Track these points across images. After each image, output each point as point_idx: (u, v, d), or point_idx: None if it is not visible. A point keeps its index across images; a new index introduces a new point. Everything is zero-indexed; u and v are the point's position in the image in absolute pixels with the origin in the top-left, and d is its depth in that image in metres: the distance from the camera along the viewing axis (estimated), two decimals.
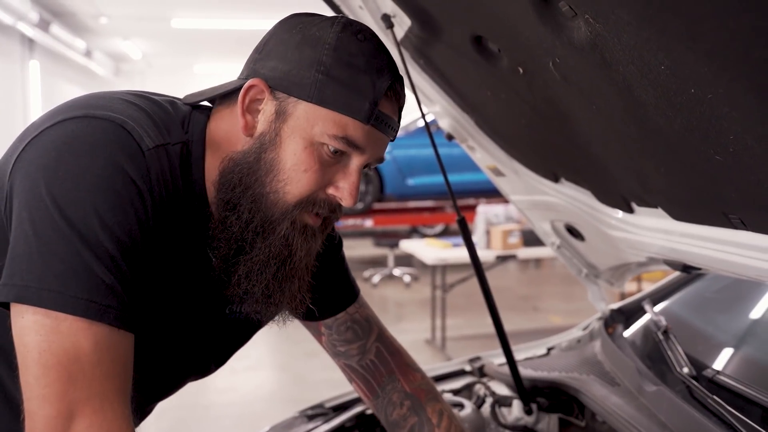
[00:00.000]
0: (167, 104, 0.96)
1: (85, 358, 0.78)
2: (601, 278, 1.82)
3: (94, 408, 0.78)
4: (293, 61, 0.89)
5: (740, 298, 1.62)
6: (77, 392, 0.77)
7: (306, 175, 0.89)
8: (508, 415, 1.56)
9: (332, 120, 0.88)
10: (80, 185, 0.79)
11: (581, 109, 1.07)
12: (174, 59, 14.22)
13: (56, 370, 0.77)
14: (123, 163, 0.82)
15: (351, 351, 1.24)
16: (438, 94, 1.56)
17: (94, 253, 0.79)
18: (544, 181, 1.57)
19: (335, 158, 0.91)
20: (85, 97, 0.91)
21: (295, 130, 0.89)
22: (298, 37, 0.90)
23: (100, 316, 0.78)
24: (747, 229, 0.99)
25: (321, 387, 4.22)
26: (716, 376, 1.26)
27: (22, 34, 9.39)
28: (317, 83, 0.87)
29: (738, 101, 0.74)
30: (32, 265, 0.78)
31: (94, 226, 0.79)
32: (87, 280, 0.78)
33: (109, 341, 0.79)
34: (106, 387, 0.79)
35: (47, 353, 0.77)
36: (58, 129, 0.83)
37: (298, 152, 0.89)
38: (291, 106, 0.89)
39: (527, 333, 1.93)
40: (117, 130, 0.84)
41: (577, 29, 0.84)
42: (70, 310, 0.77)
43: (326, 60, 0.88)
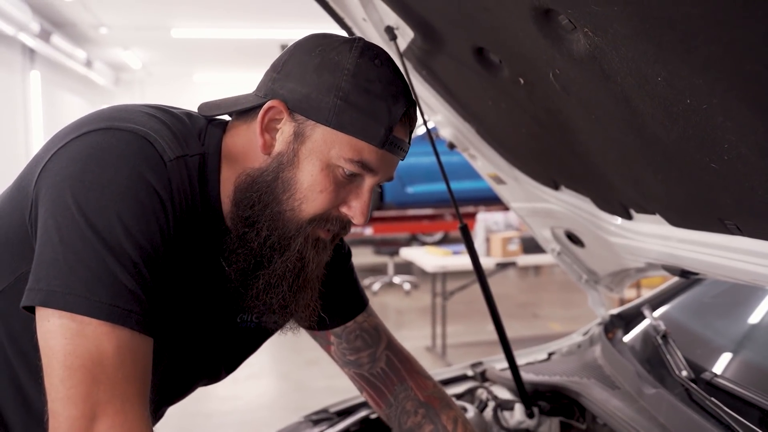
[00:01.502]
0: (184, 116, 0.99)
1: (108, 361, 0.80)
2: (601, 284, 1.85)
3: (116, 409, 0.80)
4: (312, 84, 0.92)
5: (738, 303, 1.65)
6: (100, 394, 0.80)
7: (321, 195, 0.93)
8: (511, 419, 1.58)
9: (348, 144, 0.91)
10: (105, 194, 0.82)
11: (581, 119, 1.10)
12: (173, 68, 14.27)
13: (81, 373, 0.79)
14: (146, 174, 0.85)
15: (361, 360, 1.25)
16: (440, 104, 1.59)
17: (118, 260, 0.82)
18: (545, 189, 1.59)
19: (349, 179, 0.94)
20: (108, 110, 0.94)
21: (312, 152, 0.92)
22: (317, 60, 0.92)
23: (123, 320, 0.81)
24: (743, 235, 1.02)
25: (322, 395, 4.23)
26: (714, 379, 1.28)
27: (23, 45, 9.43)
28: (335, 108, 0.90)
29: (732, 111, 0.77)
30: (59, 271, 0.80)
31: (118, 234, 0.82)
32: (111, 285, 0.81)
33: (131, 345, 0.82)
34: (127, 389, 0.82)
35: (72, 356, 0.80)
36: (83, 140, 0.87)
37: (314, 173, 0.92)
38: (309, 129, 0.92)
39: (527, 340, 1.95)
40: (140, 142, 0.87)
41: (577, 42, 0.87)
42: (95, 314, 0.80)
43: (345, 86, 0.90)
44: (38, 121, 10.39)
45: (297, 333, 1.09)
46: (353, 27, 1.50)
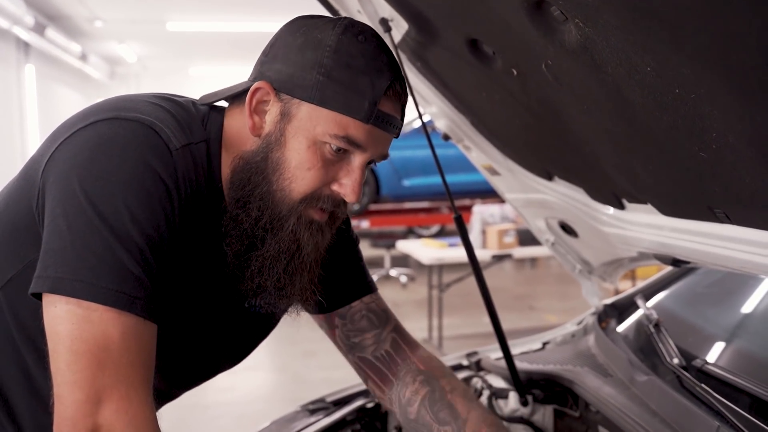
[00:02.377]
0: (189, 104, 1.00)
1: (114, 346, 0.82)
2: (595, 274, 1.87)
3: (120, 394, 0.82)
4: (296, 63, 0.93)
5: (729, 292, 1.67)
6: (105, 378, 0.81)
7: (310, 173, 0.94)
8: (505, 407, 1.60)
9: (333, 120, 0.92)
10: (112, 183, 0.84)
11: (573, 110, 1.11)
12: (169, 62, 14.24)
13: (86, 357, 0.81)
14: (152, 163, 0.87)
15: (365, 341, 1.22)
16: (435, 96, 1.60)
17: (125, 247, 0.83)
18: (538, 180, 1.61)
19: (338, 156, 0.95)
20: (113, 100, 0.96)
21: (298, 130, 0.93)
22: (300, 40, 0.94)
23: (129, 306, 0.83)
24: (731, 223, 1.04)
25: (320, 386, 4.25)
26: (705, 366, 1.30)
27: (18, 38, 9.39)
28: (318, 84, 0.91)
29: (719, 101, 0.78)
30: (66, 258, 0.82)
31: (125, 221, 0.83)
32: (117, 272, 0.83)
33: (135, 331, 0.84)
34: (132, 374, 0.83)
35: (78, 341, 0.81)
36: (90, 130, 0.88)
37: (302, 151, 0.93)
38: (294, 107, 0.93)
39: (523, 331, 1.97)
40: (146, 131, 0.88)
41: (568, 32, 0.89)
42: (101, 300, 0.82)
43: (327, 62, 0.91)
44: (33, 116, 10.36)
45: (299, 316, 1.10)
46: None
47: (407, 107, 1.05)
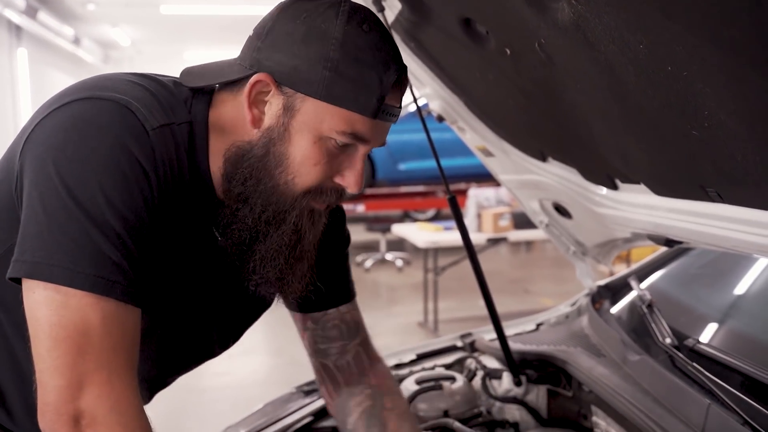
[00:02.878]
0: (171, 84, 0.97)
1: (94, 331, 0.81)
2: (589, 255, 1.87)
3: (102, 379, 0.81)
4: (300, 56, 0.88)
5: (721, 273, 1.68)
6: (86, 364, 0.81)
7: (315, 168, 0.92)
8: (499, 387, 1.62)
9: (340, 116, 0.89)
10: (87, 166, 0.82)
11: (566, 89, 1.11)
12: (163, 46, 14.14)
13: (66, 343, 0.80)
14: (128, 144, 0.84)
15: (331, 349, 1.23)
16: (428, 77, 1.59)
17: (102, 231, 0.82)
18: (532, 161, 1.61)
19: (341, 149, 0.93)
20: (92, 79, 0.94)
21: (303, 125, 0.90)
22: (303, 29, 0.89)
23: (108, 291, 0.82)
24: (723, 202, 1.04)
25: None
26: (696, 346, 1.31)
27: (9, 21, 9.31)
28: (325, 80, 0.87)
29: (711, 78, 0.78)
30: (43, 243, 0.81)
31: (101, 205, 0.82)
32: (95, 256, 0.81)
33: (116, 315, 0.83)
34: (114, 359, 0.83)
35: (57, 327, 0.80)
36: (65, 110, 0.86)
37: (307, 147, 0.91)
38: (299, 102, 0.90)
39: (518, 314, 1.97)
40: (122, 111, 0.86)
41: (561, 10, 0.88)
42: (79, 285, 0.80)
43: (334, 56, 0.87)
44: (26, 100, 10.29)
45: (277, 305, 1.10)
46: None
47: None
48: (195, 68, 1.00)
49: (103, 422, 0.81)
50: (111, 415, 0.81)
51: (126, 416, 0.83)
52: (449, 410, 1.51)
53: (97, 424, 0.81)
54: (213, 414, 3.94)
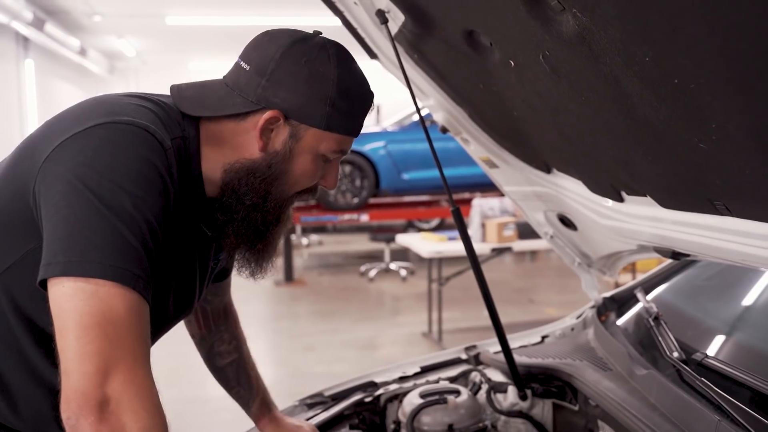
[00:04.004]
0: (163, 104, 1.09)
1: (120, 320, 0.87)
2: (594, 267, 1.86)
3: (127, 366, 0.86)
4: (305, 95, 1.07)
5: (729, 285, 1.66)
6: (113, 351, 0.86)
7: (307, 178, 1.14)
8: (504, 401, 1.60)
9: (335, 140, 1.11)
10: (116, 176, 0.92)
11: (571, 101, 1.10)
12: (168, 56, 14.20)
13: (95, 330, 0.85)
14: (152, 158, 0.96)
15: (213, 301, 1.50)
16: (432, 88, 1.59)
17: (129, 229, 0.90)
18: (537, 172, 1.60)
19: (326, 162, 1.14)
20: (102, 105, 1.03)
21: (305, 148, 1.10)
22: (305, 72, 1.06)
23: (133, 283, 0.89)
24: (732, 215, 1.03)
25: (319, 380, 4.24)
26: (705, 360, 1.29)
27: (17, 33, 9.37)
28: (326, 115, 1.08)
29: (718, 91, 0.77)
30: (73, 243, 0.88)
31: (128, 207, 0.91)
32: (124, 251, 0.89)
33: (138, 307, 0.90)
34: (136, 348, 0.88)
35: (87, 315, 0.86)
36: (89, 134, 0.96)
37: (307, 164, 1.11)
38: (303, 131, 1.09)
39: (523, 325, 1.96)
40: (142, 133, 0.98)
41: (565, 23, 0.87)
42: (109, 277, 0.87)
43: (332, 95, 1.07)
44: (33, 111, 10.33)
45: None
46: (345, 11, 1.49)
47: (405, 100, 1.20)
48: (188, 91, 1.13)
49: (128, 407, 0.85)
50: (135, 400, 0.86)
51: (148, 402, 0.87)
52: (454, 424, 1.50)
53: (122, 409, 0.85)
54: (216, 424, 3.93)
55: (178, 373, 4.37)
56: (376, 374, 1.75)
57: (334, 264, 9.21)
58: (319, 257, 9.77)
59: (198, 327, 1.54)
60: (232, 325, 1.56)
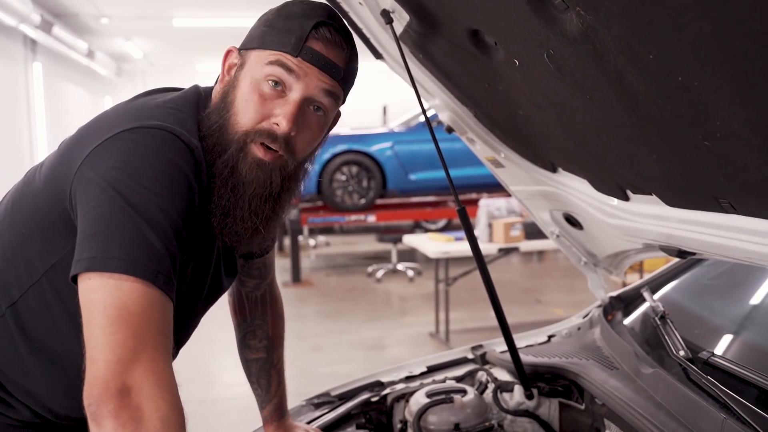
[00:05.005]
0: (182, 101, 1.13)
1: (143, 314, 0.91)
2: (600, 266, 1.85)
3: (148, 356, 0.89)
4: (254, 26, 1.14)
5: (735, 284, 1.66)
6: (136, 341, 0.89)
7: (249, 105, 1.08)
8: (510, 400, 1.60)
9: (269, 55, 1.09)
10: (144, 179, 0.97)
11: (575, 99, 1.10)
12: (176, 58, 14.25)
13: (119, 321, 0.89)
14: (178, 162, 1.00)
15: (248, 283, 1.49)
16: (437, 88, 1.59)
17: (153, 230, 0.94)
18: (542, 171, 1.60)
19: (276, 92, 1.09)
20: (132, 110, 1.08)
21: (246, 73, 1.11)
22: (265, 15, 1.13)
23: (153, 278, 0.92)
24: (737, 213, 1.02)
25: (326, 380, 4.24)
26: (711, 359, 1.29)
27: (25, 36, 9.42)
28: (261, 33, 1.11)
29: (723, 88, 0.77)
30: (100, 241, 0.93)
31: (153, 208, 0.95)
32: (145, 248, 0.93)
33: (159, 302, 0.93)
34: (157, 340, 0.91)
35: (112, 307, 0.90)
36: (120, 138, 1.01)
37: (245, 89, 1.10)
38: (246, 56, 1.12)
39: (530, 325, 1.95)
40: (169, 137, 1.02)
41: (569, 21, 0.87)
42: (131, 272, 0.91)
43: (270, 16, 1.11)
44: (41, 113, 10.39)
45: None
46: (350, 12, 1.50)
47: (411, 101, 1.15)
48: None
49: (148, 396, 0.87)
50: (155, 389, 0.88)
51: (167, 391, 0.90)
52: (460, 423, 1.50)
53: (142, 397, 0.87)
54: (223, 425, 3.94)
55: (188, 374, 4.39)
56: (383, 374, 1.75)
57: (341, 265, 9.22)
58: (326, 258, 9.79)
59: (233, 313, 1.55)
60: (271, 323, 1.53)
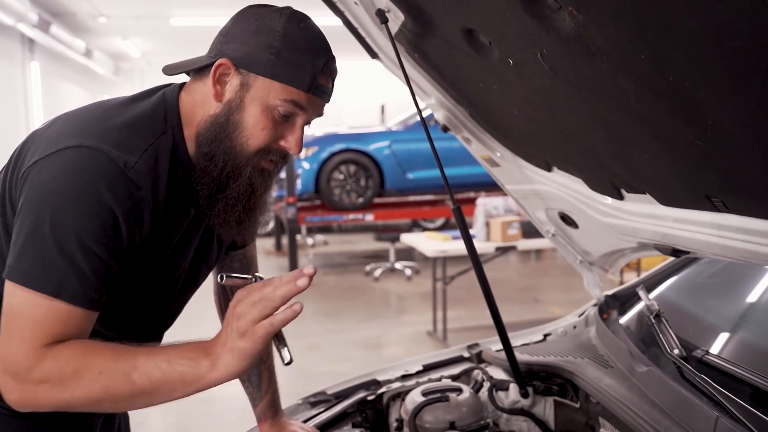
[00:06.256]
0: (152, 101, 1.20)
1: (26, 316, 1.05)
2: (596, 265, 1.86)
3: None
4: (251, 45, 1.14)
5: (730, 282, 1.66)
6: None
7: (263, 132, 1.16)
8: (505, 399, 1.60)
9: (282, 89, 1.14)
10: (67, 208, 1.05)
11: (569, 99, 1.10)
12: (173, 57, 14.04)
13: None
14: (104, 195, 1.06)
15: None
16: (432, 87, 1.59)
17: (59, 249, 1.04)
18: (538, 171, 1.60)
19: (284, 119, 1.17)
20: (84, 120, 1.14)
21: (254, 98, 1.15)
22: (254, 26, 1.15)
23: (54, 291, 1.04)
24: (729, 212, 1.03)
25: (324, 380, 4.24)
26: (705, 357, 1.29)
27: (23, 35, 9.41)
28: (270, 63, 1.13)
29: (713, 88, 0.77)
30: (19, 255, 1.06)
31: (67, 230, 1.04)
32: (49, 265, 1.04)
33: (52, 309, 1.05)
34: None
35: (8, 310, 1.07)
36: (58, 158, 1.07)
37: (257, 115, 1.15)
38: (252, 80, 1.14)
39: (528, 324, 1.95)
40: (105, 162, 1.07)
41: (562, 21, 0.88)
42: (32, 286, 1.05)
43: (276, 44, 1.13)
44: (38, 112, 10.38)
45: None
46: (346, 11, 1.50)
47: (407, 100, 1.24)
48: (173, 63, 1.25)
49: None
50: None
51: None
52: (455, 422, 1.50)
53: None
54: (221, 424, 3.94)
55: None
56: (379, 372, 1.76)
57: (339, 264, 9.22)
58: (324, 257, 9.79)
59: (220, 310, 1.59)
60: None
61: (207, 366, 1.02)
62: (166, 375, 1.01)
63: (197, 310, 1.63)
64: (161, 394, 1.03)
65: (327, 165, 8.32)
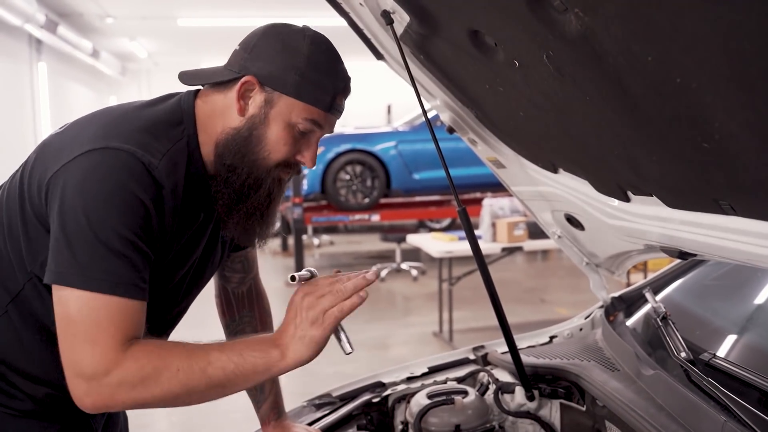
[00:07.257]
0: (166, 106, 1.24)
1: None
2: (602, 267, 1.85)
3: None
4: (277, 64, 1.20)
5: (737, 285, 1.65)
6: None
7: (285, 147, 1.22)
8: (511, 402, 1.60)
9: (305, 109, 1.20)
10: (102, 205, 1.09)
11: (575, 101, 1.10)
12: (180, 58, 14.26)
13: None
14: (134, 189, 1.10)
15: (233, 278, 1.58)
16: (438, 89, 1.59)
17: (105, 245, 1.07)
18: (543, 172, 1.59)
19: (302, 135, 1.24)
20: (103, 127, 1.17)
21: (278, 114, 1.21)
22: (279, 45, 1.21)
23: (110, 289, 1.07)
24: (737, 215, 1.02)
25: (330, 381, 4.24)
26: (712, 360, 1.28)
27: (30, 35, 9.45)
28: (295, 83, 1.19)
29: (720, 90, 0.77)
30: (62, 258, 1.08)
31: (108, 232, 1.08)
32: (98, 262, 1.07)
33: (108, 305, 1.07)
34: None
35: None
36: (85, 160, 1.11)
37: (280, 131, 1.21)
38: (276, 98, 1.20)
39: (534, 324, 1.95)
40: (131, 160, 1.11)
41: (568, 23, 0.87)
42: (84, 286, 1.07)
43: (302, 66, 1.19)
44: (46, 113, 10.43)
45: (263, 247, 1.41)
46: (351, 12, 1.50)
47: (412, 101, 1.36)
48: (191, 71, 1.30)
49: None
50: None
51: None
52: (461, 425, 1.50)
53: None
54: (226, 424, 3.95)
55: None
56: (384, 374, 1.75)
57: (345, 264, 9.22)
58: (330, 257, 9.79)
59: (222, 314, 1.62)
60: (258, 319, 1.60)
61: (277, 356, 1.12)
62: (239, 367, 1.09)
63: (199, 311, 1.62)
64: (234, 386, 1.11)
65: (333, 165, 8.32)
